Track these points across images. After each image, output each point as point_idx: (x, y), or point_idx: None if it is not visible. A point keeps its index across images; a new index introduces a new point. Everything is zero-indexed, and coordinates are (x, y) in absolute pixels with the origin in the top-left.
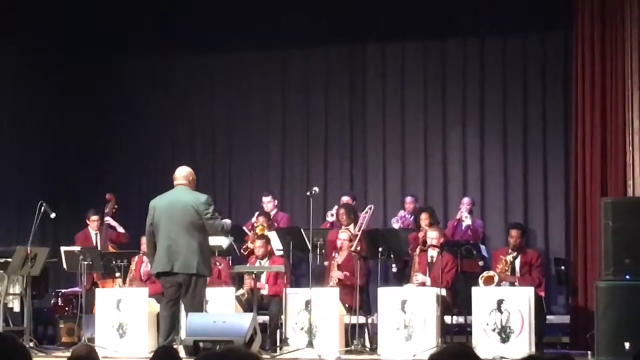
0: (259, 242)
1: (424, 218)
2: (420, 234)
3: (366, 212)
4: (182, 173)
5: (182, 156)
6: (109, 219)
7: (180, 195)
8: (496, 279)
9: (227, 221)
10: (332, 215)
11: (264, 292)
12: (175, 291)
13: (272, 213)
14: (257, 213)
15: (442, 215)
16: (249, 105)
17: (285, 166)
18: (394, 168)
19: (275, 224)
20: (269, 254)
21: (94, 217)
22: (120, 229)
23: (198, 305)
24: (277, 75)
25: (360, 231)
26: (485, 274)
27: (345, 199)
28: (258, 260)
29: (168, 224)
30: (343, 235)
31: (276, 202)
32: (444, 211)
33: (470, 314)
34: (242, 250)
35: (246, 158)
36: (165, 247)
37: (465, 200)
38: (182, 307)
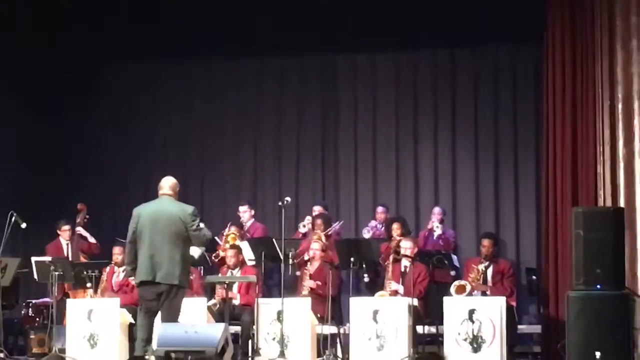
0: (230, 252)
1: (395, 228)
2: (392, 244)
3: (336, 224)
4: (168, 183)
5: (155, 166)
6: (80, 229)
7: (166, 205)
8: (468, 288)
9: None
10: (304, 226)
11: (236, 302)
12: (156, 304)
13: (249, 223)
14: (229, 223)
15: (413, 225)
16: (222, 116)
17: (257, 176)
18: (366, 178)
19: (248, 234)
20: (241, 263)
21: (65, 227)
22: (92, 239)
23: (174, 315)
24: (250, 85)
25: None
26: (457, 282)
27: (317, 208)
28: (230, 270)
29: (152, 233)
30: (315, 245)
31: (253, 212)
32: (415, 221)
33: (442, 323)
34: (213, 257)
35: (219, 168)
36: (148, 256)
37: (436, 210)
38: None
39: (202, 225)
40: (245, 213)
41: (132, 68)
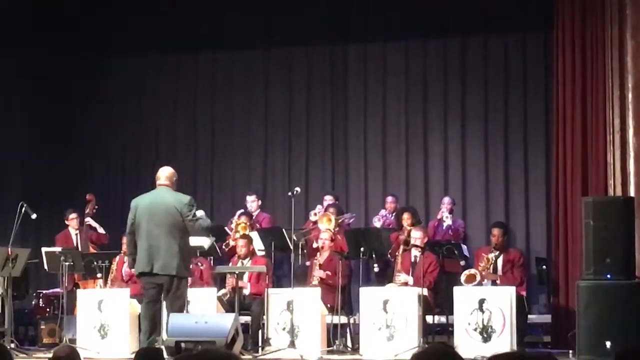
0: (241, 242)
1: (406, 218)
2: (402, 236)
3: (349, 218)
4: (165, 173)
5: (164, 156)
6: (89, 220)
7: (163, 195)
8: (478, 277)
9: (205, 217)
10: (316, 214)
11: (246, 291)
12: (156, 292)
13: (255, 213)
14: (238, 212)
15: (423, 215)
16: (231, 105)
17: (267, 166)
18: (375, 168)
19: (257, 225)
20: (252, 253)
21: (72, 216)
22: (101, 230)
23: (180, 306)
24: (259, 75)
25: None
26: (467, 272)
27: (328, 198)
28: (240, 260)
29: (149, 224)
30: (324, 235)
31: (260, 202)
32: (425, 211)
33: (452, 313)
34: (223, 246)
35: (228, 158)
36: (146, 247)
37: (446, 200)
38: (164, 307)
39: (200, 213)
40: (252, 203)
41: (137, 59)
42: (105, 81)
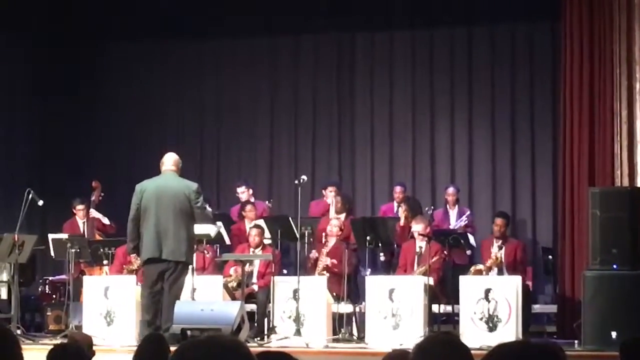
0: (254, 231)
1: (402, 209)
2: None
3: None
4: (172, 159)
5: (170, 143)
6: (93, 212)
7: (170, 181)
8: (484, 273)
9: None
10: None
11: (255, 287)
12: (160, 283)
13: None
14: (243, 201)
15: (429, 203)
16: (237, 93)
17: (273, 154)
18: (382, 156)
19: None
20: (263, 244)
21: (80, 207)
22: (106, 221)
23: (178, 290)
24: (266, 62)
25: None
26: (474, 267)
27: (330, 188)
28: (251, 249)
29: (158, 209)
30: (335, 222)
31: (251, 191)
32: (431, 200)
33: (457, 302)
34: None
35: (234, 146)
36: (154, 232)
37: (450, 190)
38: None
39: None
40: (243, 194)
41: (143, 45)
42: (110, 68)
